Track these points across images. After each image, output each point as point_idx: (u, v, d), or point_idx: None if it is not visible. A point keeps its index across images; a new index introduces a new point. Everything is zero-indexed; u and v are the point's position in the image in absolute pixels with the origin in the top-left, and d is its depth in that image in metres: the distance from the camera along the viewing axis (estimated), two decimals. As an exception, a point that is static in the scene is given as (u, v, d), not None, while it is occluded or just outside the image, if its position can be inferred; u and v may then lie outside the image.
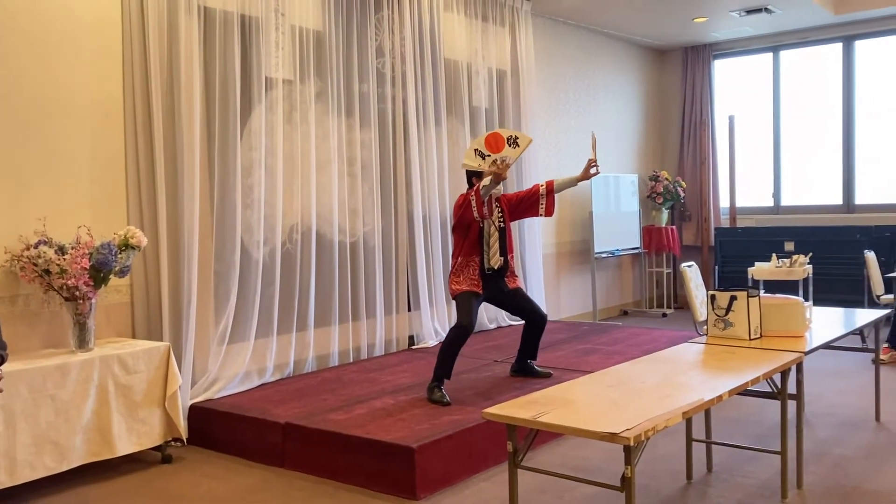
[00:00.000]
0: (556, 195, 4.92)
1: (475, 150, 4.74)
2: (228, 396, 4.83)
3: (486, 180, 4.62)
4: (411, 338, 6.40)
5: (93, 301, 4.12)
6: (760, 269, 6.76)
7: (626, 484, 2.49)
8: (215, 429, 4.56)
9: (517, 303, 4.94)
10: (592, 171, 4.77)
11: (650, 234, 9.26)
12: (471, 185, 4.83)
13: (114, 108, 4.57)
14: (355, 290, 5.88)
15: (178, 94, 4.68)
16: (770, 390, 3.55)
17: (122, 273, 4.25)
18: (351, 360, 5.80)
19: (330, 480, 3.98)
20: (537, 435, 2.79)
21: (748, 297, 3.85)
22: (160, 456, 4.34)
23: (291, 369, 5.40)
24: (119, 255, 4.17)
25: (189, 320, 4.70)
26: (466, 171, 4.88)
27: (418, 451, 3.72)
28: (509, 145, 4.70)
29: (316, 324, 5.56)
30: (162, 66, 4.66)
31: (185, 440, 4.45)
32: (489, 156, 4.69)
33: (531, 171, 7.34)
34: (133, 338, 4.61)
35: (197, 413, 4.65)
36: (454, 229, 4.83)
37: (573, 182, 4.90)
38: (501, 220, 4.86)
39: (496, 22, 7.12)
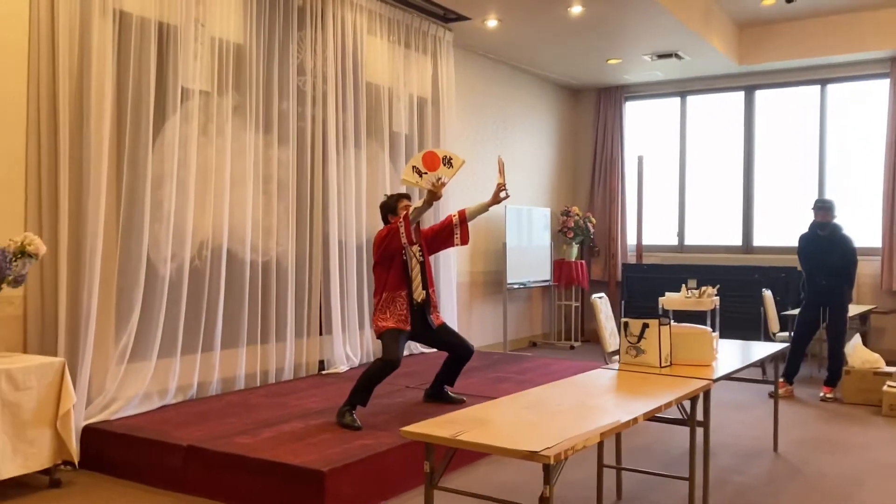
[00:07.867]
0: (470, 223, 4.95)
1: (413, 166, 4.76)
2: (126, 418, 4.57)
3: (419, 202, 4.62)
4: (321, 363, 6.25)
5: (-19, 311, 3.85)
6: (671, 299, 6.97)
7: (544, 504, 2.47)
8: (110, 451, 4.30)
9: (445, 338, 4.92)
10: (502, 195, 4.79)
11: (560, 267, 9.43)
12: (386, 221, 4.82)
13: (16, 107, 4.33)
14: (265, 311, 5.71)
15: (88, 98, 4.47)
16: (679, 416, 3.62)
17: (15, 283, 3.99)
18: (258, 384, 5.61)
19: (233, 506, 3.81)
20: (455, 455, 2.74)
21: (660, 325, 3.94)
22: (48, 480, 4.05)
23: (195, 391, 5.17)
24: (14, 263, 3.91)
25: (87, 336, 4.44)
26: (381, 208, 4.90)
27: (329, 474, 3.60)
28: (444, 165, 4.72)
29: (223, 345, 5.36)
30: (71, 67, 4.45)
31: (76, 463, 4.17)
32: (426, 173, 4.69)
33: (448, 201, 7.34)
34: (24, 352, 4.31)
35: (91, 435, 4.38)
36: (377, 265, 4.77)
37: (484, 208, 4.92)
38: (421, 253, 4.85)
39: (418, 49, 7.16)
